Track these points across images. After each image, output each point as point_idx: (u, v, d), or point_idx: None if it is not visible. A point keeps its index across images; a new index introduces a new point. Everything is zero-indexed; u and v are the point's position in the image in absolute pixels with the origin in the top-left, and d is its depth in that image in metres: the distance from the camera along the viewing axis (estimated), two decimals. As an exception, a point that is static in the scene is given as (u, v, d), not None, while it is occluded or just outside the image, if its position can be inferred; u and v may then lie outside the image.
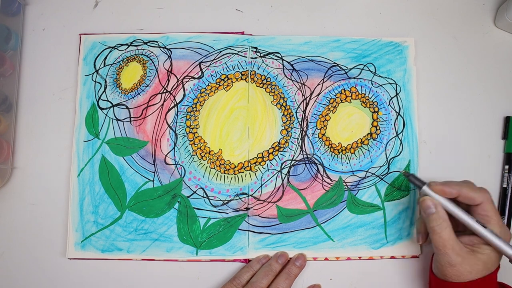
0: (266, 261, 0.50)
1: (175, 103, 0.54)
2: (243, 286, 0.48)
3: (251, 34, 0.56)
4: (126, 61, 0.55)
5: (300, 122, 0.54)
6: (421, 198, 0.45)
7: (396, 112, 0.54)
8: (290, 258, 0.51)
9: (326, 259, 0.52)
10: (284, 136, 0.54)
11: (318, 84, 0.55)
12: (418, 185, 0.45)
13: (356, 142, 0.54)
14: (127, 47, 0.55)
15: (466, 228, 0.44)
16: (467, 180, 0.46)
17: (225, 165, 0.53)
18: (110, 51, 0.55)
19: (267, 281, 0.48)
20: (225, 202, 0.52)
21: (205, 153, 0.53)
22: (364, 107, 0.54)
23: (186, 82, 0.55)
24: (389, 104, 0.54)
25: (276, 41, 0.55)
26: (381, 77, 0.55)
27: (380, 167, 0.53)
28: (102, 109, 0.54)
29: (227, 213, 0.52)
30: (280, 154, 0.53)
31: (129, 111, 0.54)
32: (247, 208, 0.52)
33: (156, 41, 0.55)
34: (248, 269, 0.50)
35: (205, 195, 0.53)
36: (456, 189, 0.43)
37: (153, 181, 0.53)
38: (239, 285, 0.48)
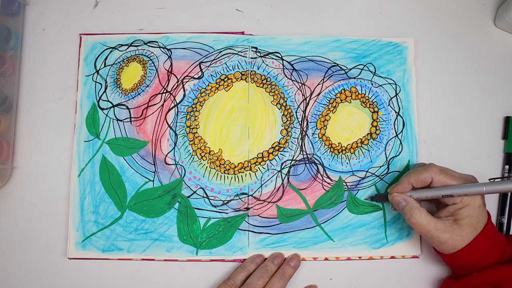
0: (260, 261, 0.50)
1: (175, 103, 0.54)
2: (238, 287, 0.48)
3: (251, 34, 0.56)
4: (127, 62, 0.55)
5: (300, 122, 0.54)
6: (390, 196, 0.48)
7: (395, 112, 0.54)
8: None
9: (326, 259, 0.52)
10: (284, 136, 0.54)
11: (318, 84, 0.55)
12: (383, 198, 0.50)
13: (356, 142, 0.54)
14: (128, 48, 0.55)
15: (440, 206, 0.47)
16: (420, 164, 0.50)
17: (225, 165, 0.53)
18: (111, 52, 0.55)
19: (262, 282, 0.48)
20: (225, 202, 0.52)
21: (205, 153, 0.53)
22: (364, 107, 0.54)
23: (186, 82, 0.55)
24: (389, 104, 0.54)
25: (276, 41, 0.55)
26: (381, 77, 0.55)
27: (380, 167, 0.53)
28: (102, 109, 0.54)
29: (227, 213, 0.52)
30: (280, 154, 0.53)
31: (129, 111, 0.54)
32: (247, 208, 0.52)
33: (156, 41, 0.55)
34: (242, 269, 0.50)
35: (205, 195, 0.53)
36: (405, 183, 0.46)
37: (153, 181, 0.53)
38: (234, 286, 0.48)
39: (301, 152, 0.53)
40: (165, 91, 0.54)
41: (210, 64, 0.55)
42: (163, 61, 0.55)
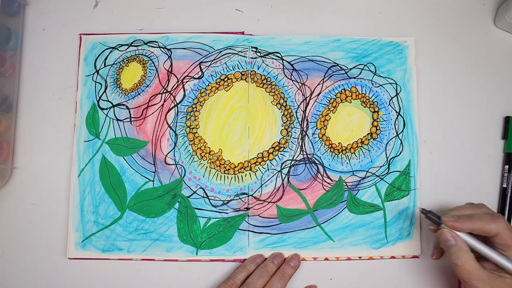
0: (260, 261, 0.50)
1: (175, 103, 0.54)
2: (238, 287, 0.48)
3: (251, 34, 0.56)
4: (127, 62, 0.55)
5: (300, 122, 0.54)
6: (439, 231, 0.44)
7: (396, 112, 0.54)
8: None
9: (326, 259, 0.52)
10: (284, 136, 0.54)
11: (318, 84, 0.55)
12: (436, 221, 0.44)
13: (356, 142, 0.54)
14: (127, 48, 0.55)
15: None
16: (480, 205, 0.45)
17: (225, 165, 0.53)
18: (111, 52, 0.55)
19: (262, 281, 0.48)
20: (225, 202, 0.52)
21: (205, 153, 0.53)
22: (364, 107, 0.54)
23: (186, 82, 0.55)
24: (389, 104, 0.54)
25: (276, 41, 0.55)
26: (381, 77, 0.55)
27: (380, 167, 0.53)
28: (102, 109, 0.54)
29: (227, 213, 0.52)
30: (280, 154, 0.53)
31: (129, 111, 0.54)
32: (247, 208, 0.52)
33: (156, 41, 0.55)
34: (242, 269, 0.50)
35: (205, 195, 0.53)
36: (468, 225, 0.42)
37: (153, 181, 0.53)
38: (234, 286, 0.48)
39: (301, 152, 0.53)
40: (165, 91, 0.54)
41: (210, 64, 0.55)
42: (163, 61, 0.55)
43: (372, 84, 0.55)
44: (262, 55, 0.55)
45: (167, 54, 0.55)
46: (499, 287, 0.41)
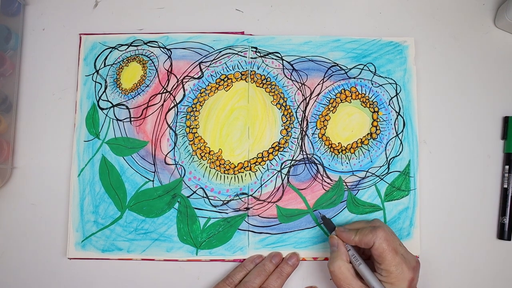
0: (260, 261, 0.50)
1: (175, 103, 0.54)
2: (236, 286, 0.48)
3: (251, 34, 0.56)
4: (126, 61, 0.55)
5: (300, 122, 0.54)
6: (329, 235, 0.47)
7: (396, 112, 0.54)
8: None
9: (326, 259, 0.52)
10: (284, 136, 0.54)
11: (318, 84, 0.55)
12: (331, 227, 0.48)
13: (356, 142, 0.54)
14: (127, 47, 0.55)
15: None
16: (374, 221, 0.47)
17: (225, 165, 0.53)
18: (110, 51, 0.55)
19: (259, 280, 0.48)
20: (225, 202, 0.52)
21: (205, 153, 0.53)
22: (364, 107, 0.54)
23: (186, 82, 0.55)
24: (389, 104, 0.54)
25: (276, 41, 0.55)
26: (381, 77, 0.55)
27: (380, 167, 0.53)
28: (102, 109, 0.54)
29: (227, 213, 0.52)
30: (280, 154, 0.53)
31: (129, 111, 0.54)
32: (247, 208, 0.52)
33: (156, 41, 0.55)
34: (241, 268, 0.50)
35: (205, 195, 0.53)
36: (351, 237, 0.45)
37: (153, 181, 0.53)
38: (232, 285, 0.48)
39: (301, 152, 0.53)
40: (165, 91, 0.54)
41: (210, 64, 0.55)
42: (163, 61, 0.55)
43: (372, 84, 0.55)
44: (262, 55, 0.55)
45: (167, 54, 0.55)
46: None
